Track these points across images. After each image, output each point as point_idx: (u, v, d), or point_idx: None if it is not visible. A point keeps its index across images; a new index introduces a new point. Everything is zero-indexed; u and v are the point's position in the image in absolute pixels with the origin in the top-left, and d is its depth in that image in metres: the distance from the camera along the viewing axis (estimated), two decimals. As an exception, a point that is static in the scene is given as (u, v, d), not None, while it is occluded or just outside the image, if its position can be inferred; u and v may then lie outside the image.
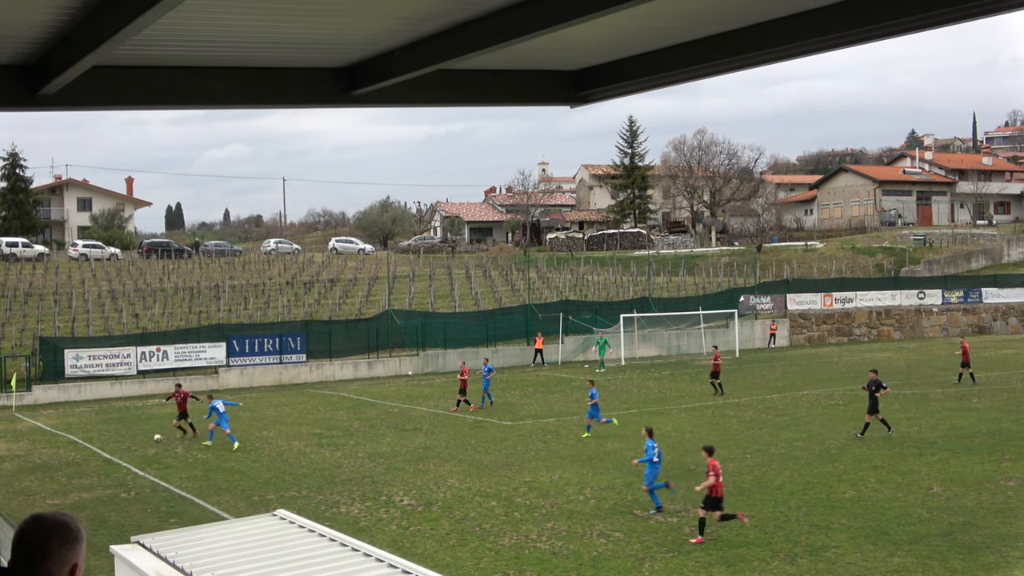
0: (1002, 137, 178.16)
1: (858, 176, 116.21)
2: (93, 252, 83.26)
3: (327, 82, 5.37)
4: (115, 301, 66.85)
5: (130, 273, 76.33)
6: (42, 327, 58.74)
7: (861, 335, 72.28)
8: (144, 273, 76.05)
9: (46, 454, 33.71)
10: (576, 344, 63.11)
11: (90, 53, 4.24)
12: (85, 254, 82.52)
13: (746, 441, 31.56)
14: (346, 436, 34.94)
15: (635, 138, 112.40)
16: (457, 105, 5.72)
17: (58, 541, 3.50)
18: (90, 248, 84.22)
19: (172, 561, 10.84)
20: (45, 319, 61.00)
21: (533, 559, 19.62)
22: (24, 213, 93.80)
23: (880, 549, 19.54)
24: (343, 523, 21.37)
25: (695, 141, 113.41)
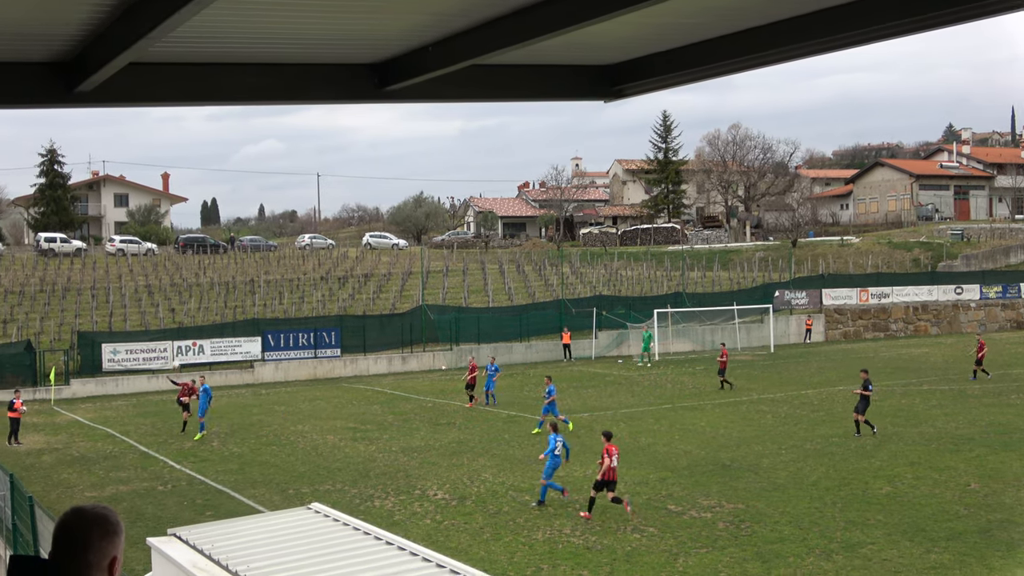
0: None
1: (894, 170, 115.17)
2: (130, 247, 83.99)
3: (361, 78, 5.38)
4: (151, 296, 67.42)
5: (166, 268, 76.95)
6: (80, 321, 59.35)
7: (898, 330, 71.68)
8: (180, 268, 76.64)
9: (84, 447, 34.07)
10: (609, 339, 62.99)
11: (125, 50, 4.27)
12: (122, 249, 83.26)
13: (781, 437, 31.40)
14: (380, 430, 35.08)
15: (669, 133, 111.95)
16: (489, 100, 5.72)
17: (98, 534, 3.53)
18: (127, 243, 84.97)
19: (208, 554, 10.92)
20: (83, 314, 61.62)
21: (567, 553, 19.63)
22: (62, 209, 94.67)
23: (916, 546, 19.39)
24: (377, 517, 21.46)
25: (729, 135, 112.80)
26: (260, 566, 10.28)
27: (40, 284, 68.09)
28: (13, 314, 60.34)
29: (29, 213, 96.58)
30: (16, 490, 20.65)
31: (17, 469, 25.99)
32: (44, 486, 27.00)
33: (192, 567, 10.64)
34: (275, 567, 10.25)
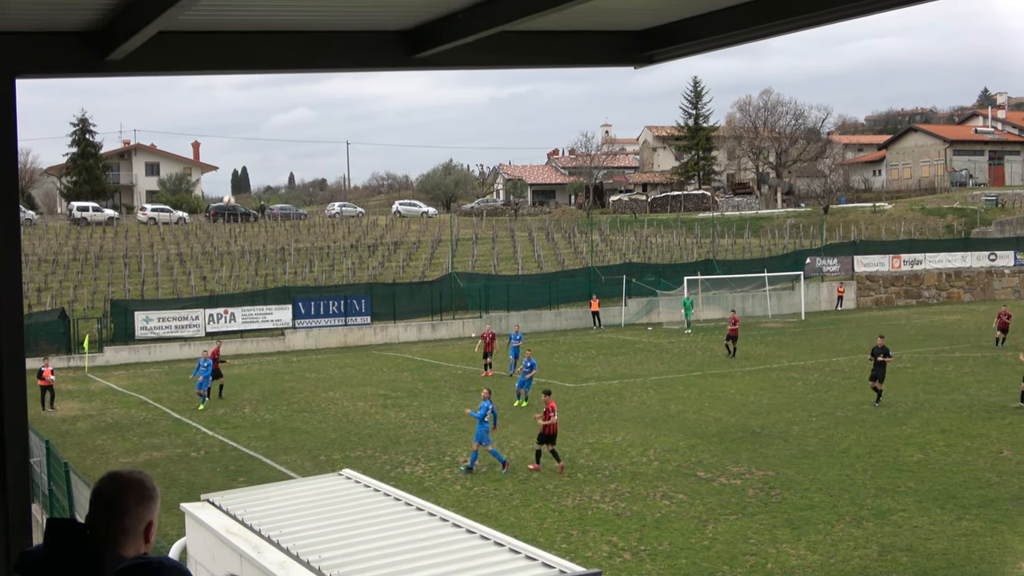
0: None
1: (928, 136, 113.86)
2: (161, 216, 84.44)
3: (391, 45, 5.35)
4: (183, 264, 67.85)
5: (197, 236, 77.37)
6: (113, 290, 59.83)
7: (930, 297, 71.16)
8: (211, 236, 77.03)
9: (118, 414, 34.43)
10: (639, 307, 62.87)
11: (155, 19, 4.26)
12: (153, 218, 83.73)
13: (812, 404, 31.32)
14: (410, 397, 35.25)
15: (699, 99, 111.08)
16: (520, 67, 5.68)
17: (134, 499, 3.56)
18: (158, 212, 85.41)
19: (241, 519, 11.03)
20: (116, 282, 62.11)
21: (596, 520, 19.70)
22: (94, 178, 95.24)
23: (947, 513, 19.34)
24: (408, 483, 21.60)
25: (761, 101, 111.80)
26: (292, 532, 10.37)
27: (73, 253, 68.64)
28: (47, 282, 60.93)
29: (61, 182, 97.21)
30: (52, 456, 20.92)
31: (52, 436, 26.30)
32: (79, 452, 27.33)
33: (225, 532, 10.75)
34: (307, 533, 10.33)
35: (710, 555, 17.45)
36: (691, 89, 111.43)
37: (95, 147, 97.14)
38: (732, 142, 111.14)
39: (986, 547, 17.34)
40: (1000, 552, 17.10)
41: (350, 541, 9.98)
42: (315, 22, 5.24)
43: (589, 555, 17.46)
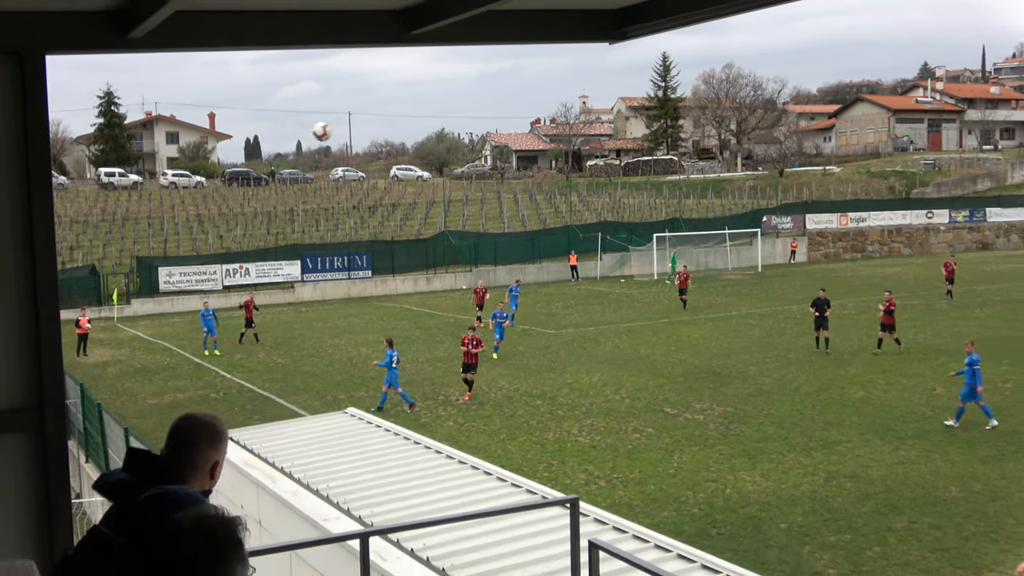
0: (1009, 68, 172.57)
1: (874, 105, 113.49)
2: (181, 180, 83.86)
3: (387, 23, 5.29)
4: (202, 224, 67.50)
5: (214, 199, 76.90)
6: (138, 248, 59.54)
7: (874, 251, 71.34)
8: (227, 199, 76.57)
9: (145, 360, 34.40)
10: (613, 261, 62.87)
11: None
12: (174, 182, 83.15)
13: (767, 347, 31.48)
14: (408, 343, 35.26)
15: (668, 72, 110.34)
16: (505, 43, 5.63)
17: (205, 438, 3.59)
18: (178, 177, 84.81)
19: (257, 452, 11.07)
20: (141, 240, 61.80)
21: (574, 451, 19.84)
22: (119, 146, 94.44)
23: (887, 443, 19.54)
24: (406, 420, 21.69)
25: (723, 75, 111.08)
26: (303, 463, 10.42)
27: (102, 214, 68.19)
28: (79, 241, 60.56)
29: (90, 150, 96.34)
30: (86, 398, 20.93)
31: (86, 379, 26.29)
32: (110, 394, 27.33)
33: (244, 465, 10.80)
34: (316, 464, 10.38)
35: (675, 482, 17.61)
36: (660, 64, 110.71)
37: (120, 118, 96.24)
38: (697, 112, 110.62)
39: (920, 473, 17.54)
40: (933, 478, 17.31)
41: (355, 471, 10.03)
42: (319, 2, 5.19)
43: (568, 482, 17.60)
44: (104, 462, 18.87)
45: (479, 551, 7.51)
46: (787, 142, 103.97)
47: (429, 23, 5.05)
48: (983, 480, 17.07)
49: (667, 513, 15.91)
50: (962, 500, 16.06)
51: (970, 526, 14.88)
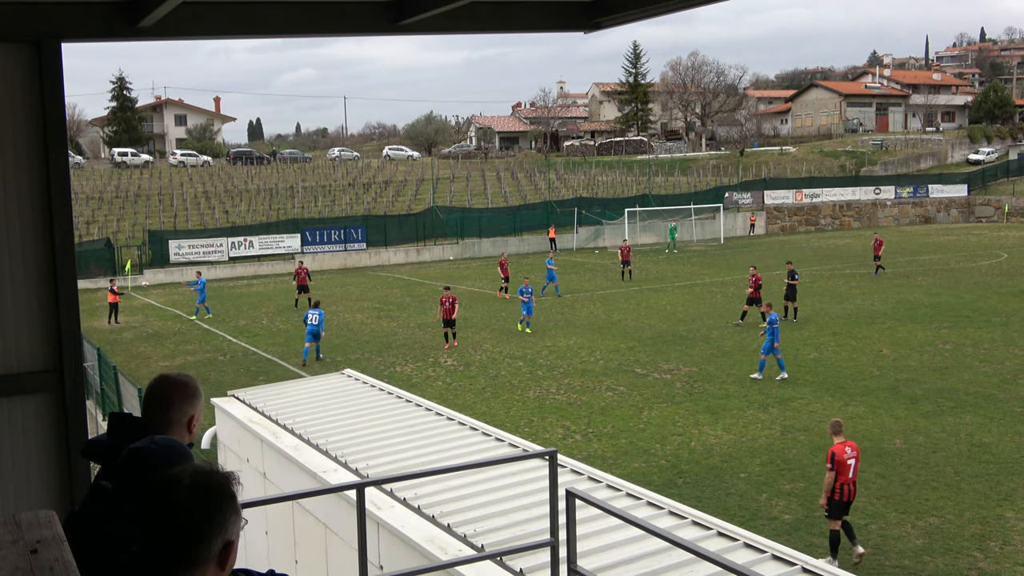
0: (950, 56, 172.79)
1: (826, 91, 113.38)
2: (189, 160, 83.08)
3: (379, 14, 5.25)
4: (208, 200, 66.99)
5: (220, 177, 76.27)
6: (150, 222, 59.07)
7: (826, 224, 71.56)
8: (231, 177, 75.96)
9: (157, 326, 34.23)
10: (588, 234, 62.85)
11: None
12: (183, 161, 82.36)
13: (728, 313, 31.59)
14: (400, 310, 35.23)
15: (638, 60, 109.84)
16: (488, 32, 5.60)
17: (179, 395, 3.58)
18: (186, 156, 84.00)
19: (262, 410, 11.06)
20: (152, 215, 61.30)
21: (553, 408, 19.91)
22: (131, 128, 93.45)
23: (837, 400, 19.69)
24: (399, 380, 21.71)
25: (689, 62, 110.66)
26: (304, 420, 10.42)
27: (115, 191, 67.56)
28: (94, 216, 60.00)
29: (104, 131, 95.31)
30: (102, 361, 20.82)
31: (103, 343, 26.15)
32: (125, 357, 27.22)
33: (248, 422, 10.79)
34: (316, 421, 10.39)
35: (645, 436, 17.71)
36: (632, 52, 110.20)
37: (132, 102, 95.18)
38: (665, 96, 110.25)
39: (868, 427, 17.70)
40: (879, 431, 17.47)
41: (352, 427, 10.04)
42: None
43: (547, 437, 17.68)
44: (120, 420, 18.79)
45: (466, 500, 7.55)
46: (747, 124, 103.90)
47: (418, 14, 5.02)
48: (924, 433, 17.25)
49: (637, 464, 16.02)
50: (905, 452, 16.24)
51: (912, 475, 15.05)
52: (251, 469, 10.40)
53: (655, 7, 5.12)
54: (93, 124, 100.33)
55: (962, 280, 37.74)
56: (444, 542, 6.80)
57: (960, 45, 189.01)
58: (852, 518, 12.36)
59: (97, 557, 2.93)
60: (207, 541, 2.42)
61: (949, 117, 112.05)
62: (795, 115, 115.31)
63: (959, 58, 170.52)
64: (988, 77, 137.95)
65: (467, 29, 5.58)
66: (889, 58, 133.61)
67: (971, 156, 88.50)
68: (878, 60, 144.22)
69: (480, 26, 5.57)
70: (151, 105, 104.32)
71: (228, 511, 2.46)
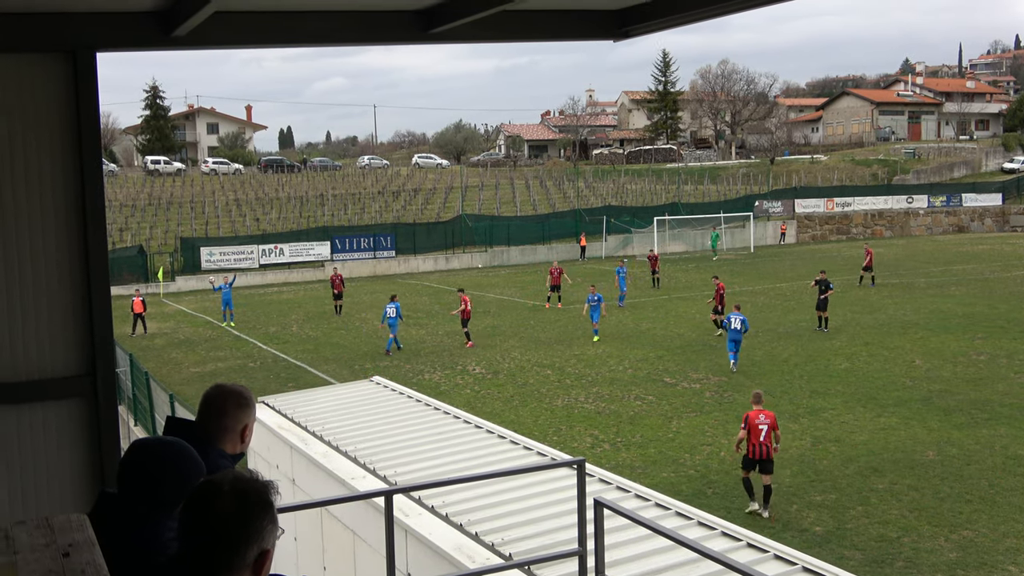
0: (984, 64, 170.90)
1: (858, 99, 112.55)
2: (221, 168, 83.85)
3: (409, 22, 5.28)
4: (240, 208, 67.56)
5: (251, 185, 76.92)
6: (182, 229, 59.68)
7: (857, 233, 70.88)
8: (263, 185, 76.59)
9: (188, 332, 34.53)
10: (617, 242, 62.70)
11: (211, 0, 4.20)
12: (214, 169, 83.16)
13: (758, 322, 31.37)
14: (428, 317, 35.30)
15: (668, 68, 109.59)
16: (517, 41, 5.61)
17: (233, 404, 3.62)
18: (218, 164, 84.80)
19: (291, 417, 11.12)
20: (184, 222, 61.91)
21: (581, 417, 19.86)
22: (164, 136, 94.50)
23: (869, 411, 19.49)
24: (427, 387, 21.75)
25: (719, 70, 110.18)
26: (333, 427, 10.46)
27: (148, 199, 68.32)
28: (127, 223, 60.70)
29: (137, 140, 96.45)
30: (135, 367, 21.03)
31: (135, 350, 26.42)
32: (157, 363, 27.47)
33: (278, 428, 10.84)
34: (345, 428, 10.42)
35: (674, 445, 17.62)
36: (661, 60, 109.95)
37: (165, 110, 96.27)
38: (695, 104, 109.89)
39: (900, 439, 17.50)
40: (912, 443, 17.27)
41: (380, 435, 10.07)
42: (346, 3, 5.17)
43: (575, 445, 17.63)
44: (151, 425, 18.99)
45: (494, 508, 7.54)
46: (778, 132, 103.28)
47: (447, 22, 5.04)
48: (958, 445, 17.02)
49: (666, 474, 15.93)
50: (939, 463, 16.03)
51: (946, 487, 14.85)
52: (280, 475, 10.44)
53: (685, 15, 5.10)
54: (127, 132, 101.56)
55: (997, 290, 37.24)
56: (472, 550, 6.79)
57: (994, 52, 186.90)
58: (884, 530, 12.22)
59: (122, 561, 2.94)
60: (243, 548, 2.43)
61: (983, 125, 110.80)
62: (826, 123, 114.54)
63: (993, 66, 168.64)
64: (1023, 85, 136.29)
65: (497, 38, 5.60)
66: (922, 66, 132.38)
67: (1006, 165, 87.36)
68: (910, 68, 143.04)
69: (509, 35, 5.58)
70: (184, 114, 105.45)
71: (265, 519, 2.47)
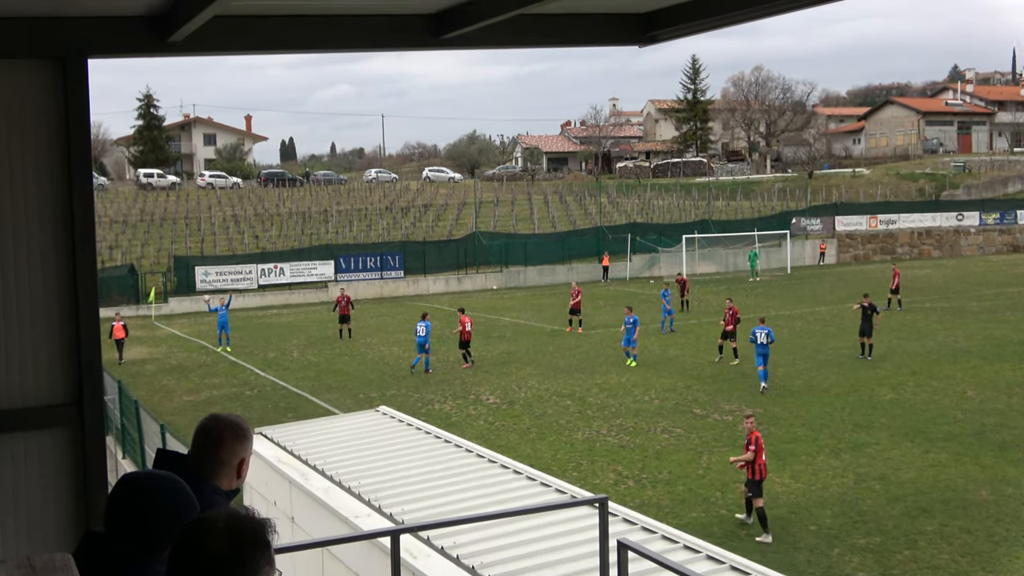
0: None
1: (903, 108, 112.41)
2: (218, 181, 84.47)
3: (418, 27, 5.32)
4: (238, 224, 67.96)
5: (250, 200, 77.40)
6: (176, 247, 60.04)
7: (903, 253, 70.56)
8: (262, 200, 77.05)
9: (181, 357, 34.68)
10: (642, 262, 62.67)
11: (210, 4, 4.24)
12: (211, 183, 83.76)
13: (797, 348, 31.24)
14: (439, 343, 35.26)
15: (697, 75, 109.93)
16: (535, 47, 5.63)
17: (230, 435, 3.64)
18: (215, 178, 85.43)
19: (291, 450, 11.13)
20: (178, 240, 62.31)
21: (603, 451, 19.79)
22: (158, 147, 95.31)
23: (917, 446, 19.33)
24: (437, 418, 21.72)
25: (752, 77, 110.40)
26: (335, 461, 10.46)
27: (140, 214, 68.84)
28: (118, 241, 61.16)
29: (129, 151, 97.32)
30: (123, 395, 21.12)
31: (123, 376, 26.54)
32: (147, 391, 27.57)
33: (276, 461, 10.86)
34: (348, 462, 10.42)
35: (704, 482, 17.52)
36: (690, 66, 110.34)
37: (159, 120, 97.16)
38: (726, 114, 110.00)
39: (951, 476, 17.35)
40: (963, 481, 17.11)
41: (386, 469, 10.06)
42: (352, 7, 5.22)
43: (597, 482, 17.57)
44: (140, 458, 19.05)
45: (508, 550, 7.51)
46: (816, 144, 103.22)
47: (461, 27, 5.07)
48: (1015, 484, 16.85)
49: (696, 514, 15.84)
50: (993, 504, 15.86)
51: (1001, 530, 14.70)
52: (279, 512, 10.44)
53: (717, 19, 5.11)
54: (118, 143, 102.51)
55: (1056, 315, 36.97)
56: (485, 595, 6.76)
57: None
58: None
59: None
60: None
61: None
62: (869, 134, 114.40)
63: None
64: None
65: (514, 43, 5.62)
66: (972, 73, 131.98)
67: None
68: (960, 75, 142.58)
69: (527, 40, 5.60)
70: (179, 124, 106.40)
71: (262, 560, 2.48)
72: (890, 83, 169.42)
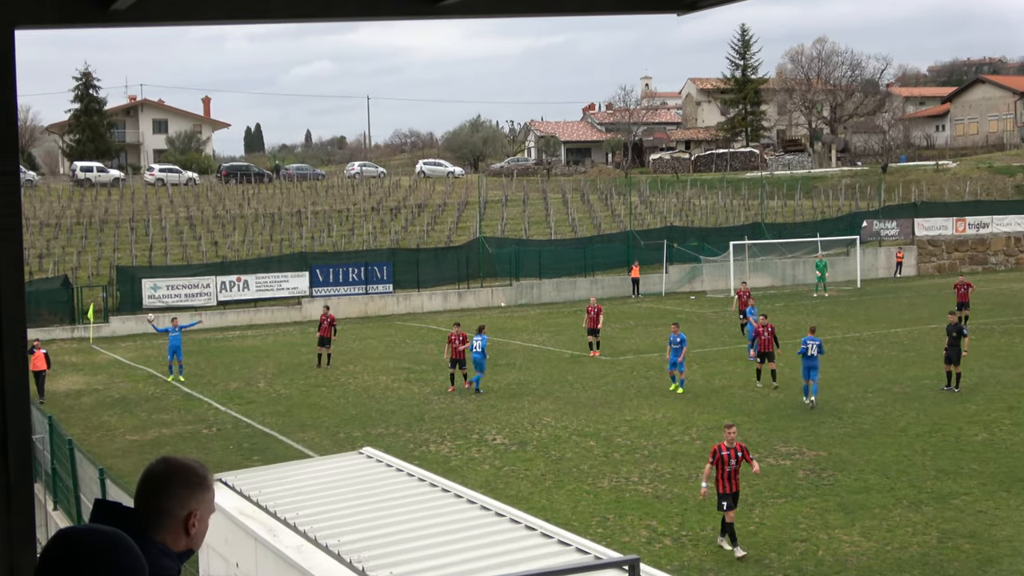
0: None
1: (997, 87, 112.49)
2: (170, 177, 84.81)
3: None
4: (193, 228, 68.22)
5: (208, 199, 77.72)
6: (118, 256, 60.23)
7: (997, 263, 70.47)
8: (223, 199, 77.35)
9: (124, 388, 34.75)
10: (681, 274, 62.69)
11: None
12: (161, 179, 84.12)
13: (867, 379, 31.17)
14: (436, 371, 35.33)
15: (747, 49, 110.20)
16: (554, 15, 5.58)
17: (179, 481, 3.56)
18: (166, 172, 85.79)
19: (256, 500, 11.13)
20: (121, 247, 62.53)
21: (634, 503, 19.74)
22: (98, 136, 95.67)
23: (1014, 496, 19.25)
24: (433, 462, 21.71)
25: (814, 51, 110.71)
26: (309, 513, 10.46)
27: (76, 216, 69.13)
28: (49, 248, 61.41)
29: (64, 141, 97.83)
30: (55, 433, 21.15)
31: (55, 411, 26.62)
32: (84, 429, 27.62)
33: (239, 514, 10.86)
34: (326, 515, 10.42)
35: (757, 540, 17.46)
36: (739, 38, 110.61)
37: (99, 103, 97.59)
38: (783, 95, 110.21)
39: (1056, 533, 17.27)
40: (1071, 539, 17.03)
41: (371, 524, 10.06)
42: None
43: (626, 540, 17.53)
44: (76, 509, 19.08)
45: (519, 621, 7.50)
46: (891, 132, 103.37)
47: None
48: None
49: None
50: (1107, 567, 15.79)
51: (1117, 599, 14.62)
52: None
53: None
54: (50, 131, 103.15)
55: None
56: (490, 677, 6.76)
57: None
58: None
59: None
60: None
61: None
62: (955, 120, 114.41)
63: None
64: None
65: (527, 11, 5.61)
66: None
67: None
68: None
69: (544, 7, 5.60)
70: (124, 107, 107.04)
71: None
72: (980, 58, 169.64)
